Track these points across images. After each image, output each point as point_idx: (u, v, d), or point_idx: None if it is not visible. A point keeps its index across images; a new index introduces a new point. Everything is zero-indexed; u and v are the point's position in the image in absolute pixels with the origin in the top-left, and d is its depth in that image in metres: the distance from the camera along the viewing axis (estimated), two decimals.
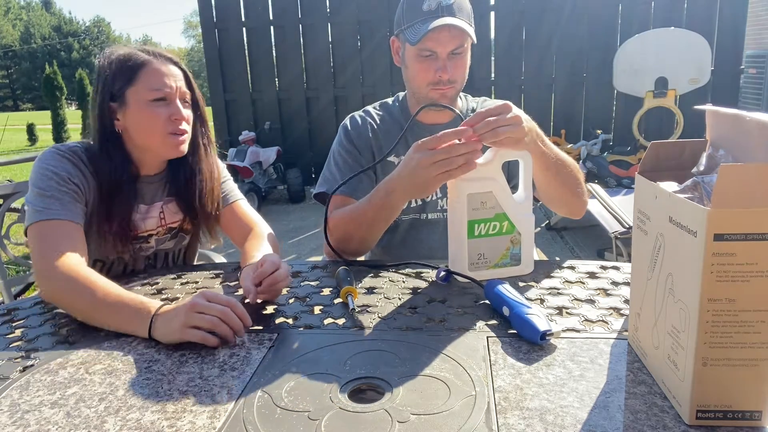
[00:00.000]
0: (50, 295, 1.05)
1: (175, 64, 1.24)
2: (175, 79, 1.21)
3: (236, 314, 0.90)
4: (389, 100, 1.52)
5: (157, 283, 1.19)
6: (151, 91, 1.18)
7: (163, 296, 1.12)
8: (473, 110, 1.45)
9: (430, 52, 1.30)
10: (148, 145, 1.24)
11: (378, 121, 1.46)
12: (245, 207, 1.39)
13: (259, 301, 1.04)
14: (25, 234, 1.12)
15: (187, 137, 1.25)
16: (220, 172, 1.38)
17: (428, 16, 1.27)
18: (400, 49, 1.39)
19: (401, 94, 1.50)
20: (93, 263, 1.25)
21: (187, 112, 1.24)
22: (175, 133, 1.21)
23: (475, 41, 1.31)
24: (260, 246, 1.22)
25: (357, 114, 1.49)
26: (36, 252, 1.07)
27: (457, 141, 1.03)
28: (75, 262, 1.04)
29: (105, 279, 1.01)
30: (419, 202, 1.43)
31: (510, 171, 1.24)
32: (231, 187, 1.41)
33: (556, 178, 1.23)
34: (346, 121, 1.48)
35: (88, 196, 1.20)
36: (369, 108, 1.51)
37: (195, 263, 1.51)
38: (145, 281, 1.21)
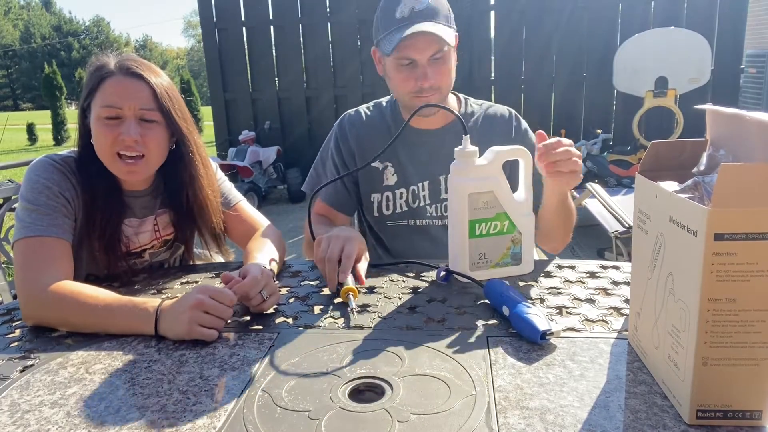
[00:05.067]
0: (34, 317, 0.99)
1: (145, 80, 1.12)
2: (135, 96, 1.11)
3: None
4: (383, 100, 1.50)
5: (158, 283, 1.19)
6: (103, 108, 1.10)
7: (163, 296, 1.11)
8: (472, 114, 1.43)
9: (409, 60, 1.26)
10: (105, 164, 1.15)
11: (366, 123, 1.45)
12: (247, 208, 1.37)
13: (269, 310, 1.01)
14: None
15: (144, 162, 1.14)
16: (217, 187, 1.30)
17: (401, 23, 1.24)
18: (381, 60, 1.36)
19: None
20: (85, 278, 1.21)
21: (147, 132, 1.12)
22: (122, 155, 1.12)
23: (453, 45, 1.26)
24: (263, 246, 1.21)
25: (348, 113, 1.49)
26: (18, 271, 1.02)
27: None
28: (56, 280, 1.00)
29: (93, 287, 0.99)
30: (405, 208, 1.43)
31: (509, 173, 1.24)
32: (229, 189, 1.38)
33: (558, 216, 1.27)
34: (338, 121, 1.49)
35: (78, 211, 1.15)
36: (362, 108, 1.49)
37: (193, 263, 1.50)
38: (145, 282, 1.21)
